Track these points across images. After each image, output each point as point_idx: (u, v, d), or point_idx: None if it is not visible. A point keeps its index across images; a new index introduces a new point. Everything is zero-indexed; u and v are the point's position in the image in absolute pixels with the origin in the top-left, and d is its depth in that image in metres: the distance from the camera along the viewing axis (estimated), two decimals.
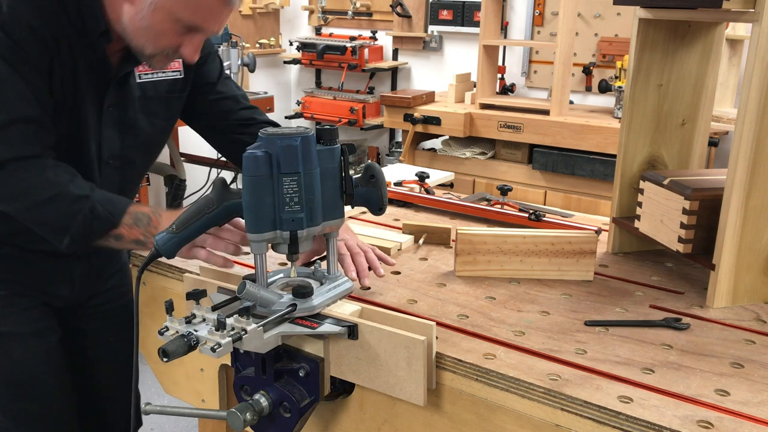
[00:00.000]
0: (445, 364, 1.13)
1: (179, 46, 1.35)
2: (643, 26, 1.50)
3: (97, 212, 1.30)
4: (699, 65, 1.57)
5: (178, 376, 1.57)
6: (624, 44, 4.06)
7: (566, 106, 3.70)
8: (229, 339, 1.07)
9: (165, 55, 1.37)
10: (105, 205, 1.31)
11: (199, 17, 1.31)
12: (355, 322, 1.15)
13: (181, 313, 1.14)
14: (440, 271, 1.51)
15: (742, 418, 0.98)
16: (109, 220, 1.31)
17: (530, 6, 4.44)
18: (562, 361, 1.12)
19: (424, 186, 2.10)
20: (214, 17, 1.33)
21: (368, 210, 1.26)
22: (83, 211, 1.29)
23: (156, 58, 1.37)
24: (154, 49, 1.35)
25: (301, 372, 1.20)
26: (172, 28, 1.31)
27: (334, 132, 1.20)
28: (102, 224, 1.31)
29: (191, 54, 1.37)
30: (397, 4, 4.82)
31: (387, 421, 1.21)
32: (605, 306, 1.34)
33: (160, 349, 1.06)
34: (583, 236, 1.45)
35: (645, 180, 1.51)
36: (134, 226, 1.33)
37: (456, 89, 4.07)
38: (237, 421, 1.16)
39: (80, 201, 1.30)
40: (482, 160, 3.83)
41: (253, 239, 1.18)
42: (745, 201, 1.29)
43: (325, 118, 4.92)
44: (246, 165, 1.15)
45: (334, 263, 1.29)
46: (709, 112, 1.62)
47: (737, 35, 3.45)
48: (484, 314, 1.29)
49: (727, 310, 1.34)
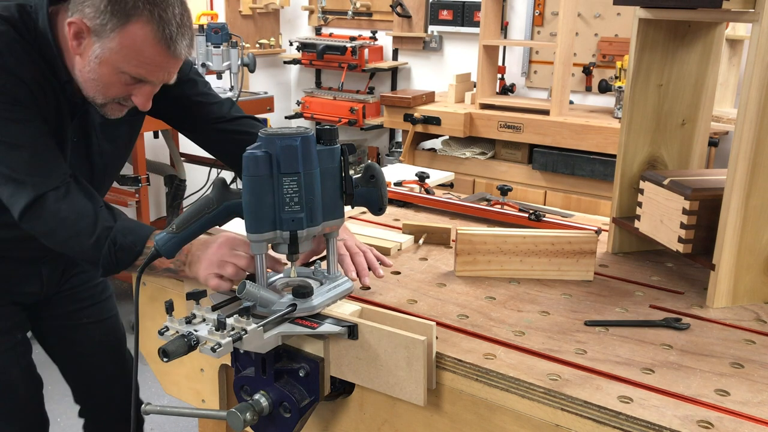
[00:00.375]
0: (445, 364, 1.13)
1: (130, 95, 1.38)
2: (643, 26, 1.50)
3: (120, 243, 1.32)
4: (699, 65, 1.57)
5: (178, 376, 1.57)
6: (624, 44, 4.06)
7: (566, 106, 3.70)
8: (229, 339, 1.07)
9: (117, 103, 1.40)
10: (126, 235, 1.32)
11: (144, 70, 1.32)
12: (355, 322, 1.15)
13: (181, 313, 1.14)
14: (440, 271, 1.51)
15: (742, 418, 0.98)
16: (132, 249, 1.32)
17: (530, 6, 4.44)
18: (562, 361, 1.12)
19: (424, 186, 2.10)
20: (160, 69, 1.34)
21: (368, 210, 1.26)
22: (107, 243, 1.32)
23: (108, 107, 1.40)
24: (104, 98, 1.37)
25: (301, 372, 1.20)
26: (118, 80, 1.33)
27: (334, 132, 1.20)
28: (126, 254, 1.32)
29: (143, 103, 1.39)
30: (397, 4, 4.82)
31: (387, 421, 1.21)
32: (605, 306, 1.34)
33: (160, 349, 1.06)
34: (583, 236, 1.45)
35: (645, 180, 1.51)
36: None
37: (456, 89, 4.07)
38: (237, 421, 1.16)
39: (104, 233, 1.32)
40: (482, 160, 3.83)
41: (253, 239, 1.18)
42: (745, 201, 1.29)
43: (325, 118, 4.92)
44: (246, 165, 1.15)
45: (334, 263, 1.29)
46: (709, 112, 1.62)
47: (737, 35, 3.45)
48: (484, 314, 1.29)
49: (727, 310, 1.34)
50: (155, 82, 1.36)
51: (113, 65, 1.31)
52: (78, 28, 1.30)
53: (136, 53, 1.29)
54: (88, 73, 1.34)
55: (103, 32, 1.28)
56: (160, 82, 1.38)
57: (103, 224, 1.33)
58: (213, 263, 1.27)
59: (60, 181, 1.34)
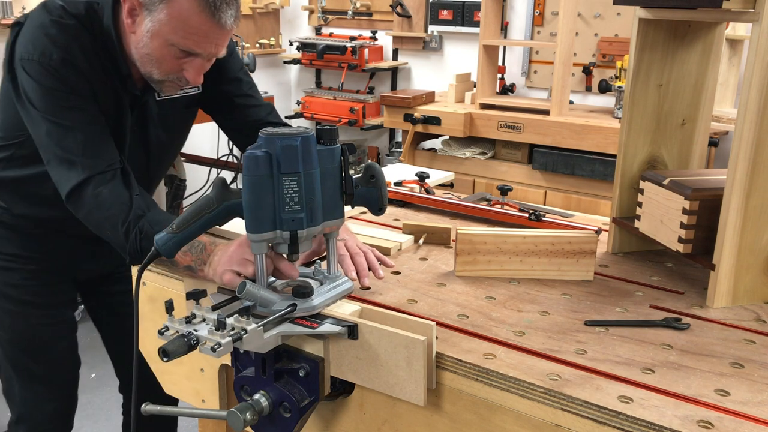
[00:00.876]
0: (445, 364, 1.13)
1: (182, 70, 1.42)
2: (643, 26, 1.50)
3: (146, 233, 1.34)
4: (699, 65, 1.57)
5: (178, 376, 1.57)
6: (624, 44, 4.06)
7: (566, 106, 3.70)
8: (229, 339, 1.07)
9: (173, 81, 1.46)
10: (154, 226, 1.34)
11: (191, 41, 1.37)
12: (355, 322, 1.15)
13: (181, 313, 1.14)
14: (440, 271, 1.51)
15: (742, 418, 0.98)
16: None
17: (530, 6, 4.44)
18: (562, 361, 1.12)
19: (424, 186, 2.10)
20: (206, 40, 1.37)
21: (368, 210, 1.26)
22: (135, 231, 1.36)
23: (165, 84, 1.47)
24: (159, 74, 1.43)
25: (301, 372, 1.20)
26: (169, 53, 1.39)
27: (334, 132, 1.20)
28: (150, 244, 1.30)
29: (194, 77, 1.43)
30: (397, 4, 4.82)
31: (387, 421, 1.21)
32: (605, 306, 1.34)
33: (160, 349, 1.06)
34: (583, 236, 1.45)
35: (645, 180, 1.51)
36: (187, 252, 1.35)
37: (456, 89, 4.07)
38: (237, 421, 1.16)
39: (135, 221, 1.36)
40: (482, 160, 3.83)
41: (253, 239, 1.18)
42: (745, 201, 1.29)
43: (325, 118, 4.92)
44: (246, 165, 1.15)
45: (334, 263, 1.29)
46: (709, 112, 1.62)
47: (737, 35, 3.45)
48: (484, 314, 1.29)
49: (727, 310, 1.34)
50: (203, 54, 1.40)
51: (163, 37, 1.36)
52: (131, 5, 1.37)
53: (183, 23, 1.34)
54: (142, 48, 1.40)
55: (153, 5, 1.34)
56: (209, 56, 1.42)
57: (136, 212, 1.37)
58: (234, 260, 1.27)
59: (108, 166, 1.40)
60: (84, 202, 1.39)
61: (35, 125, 1.43)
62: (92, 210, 1.39)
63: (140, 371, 1.26)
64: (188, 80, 1.44)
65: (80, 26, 1.42)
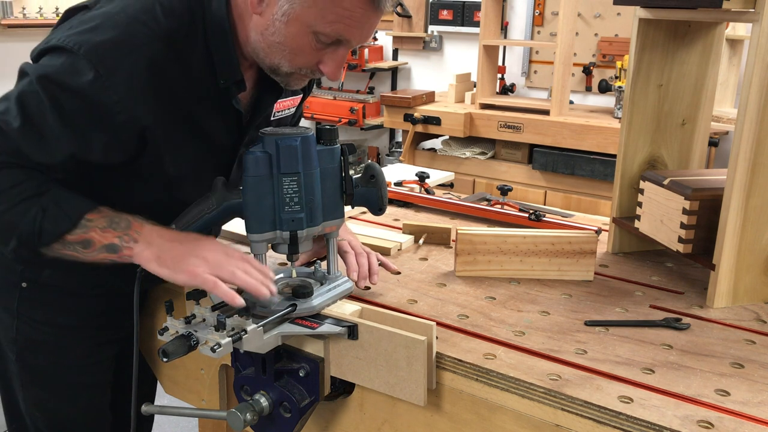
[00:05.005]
0: (445, 364, 1.13)
1: (318, 62, 1.18)
2: (643, 26, 1.50)
3: (50, 212, 1.13)
4: (699, 65, 1.57)
5: (178, 376, 1.57)
6: (624, 44, 4.06)
7: (566, 106, 3.70)
8: (229, 339, 1.07)
9: (304, 74, 1.22)
10: (62, 204, 1.14)
11: (342, 26, 1.11)
12: (355, 322, 1.15)
13: (181, 313, 1.14)
14: (440, 271, 1.51)
15: (742, 418, 0.98)
16: (63, 220, 1.13)
17: (530, 6, 4.44)
18: (562, 361, 1.12)
19: (424, 186, 2.10)
20: (359, 26, 1.13)
21: (368, 210, 1.26)
22: (33, 210, 1.12)
23: (293, 77, 1.22)
24: (290, 67, 1.19)
25: (301, 372, 1.20)
26: (308, 43, 1.14)
27: (334, 132, 1.20)
28: (54, 225, 1.13)
29: (334, 72, 1.19)
30: (397, 4, 4.82)
31: (387, 421, 1.21)
32: (605, 306, 1.34)
33: (160, 349, 1.06)
34: (583, 236, 1.45)
35: (645, 180, 1.51)
36: (108, 229, 1.15)
37: (456, 89, 4.07)
38: (237, 421, 1.16)
39: (32, 199, 1.13)
40: (482, 160, 3.82)
41: (253, 239, 1.18)
42: (745, 201, 1.29)
43: (325, 118, 4.92)
44: (246, 165, 1.15)
45: (334, 263, 1.29)
46: (709, 112, 1.62)
47: (737, 35, 3.45)
48: (484, 314, 1.29)
49: (727, 310, 1.33)
50: (352, 42, 1.15)
51: (304, 23, 1.11)
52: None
53: (334, 4, 1.09)
54: (272, 35, 1.14)
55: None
56: (356, 44, 1.17)
57: (32, 190, 1.13)
58: (220, 267, 1.15)
59: (20, 163, 1.13)
60: None
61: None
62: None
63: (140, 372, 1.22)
64: (326, 75, 1.20)
65: (161, 44, 1.14)
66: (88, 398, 1.47)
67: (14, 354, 1.39)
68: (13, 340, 1.38)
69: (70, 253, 1.16)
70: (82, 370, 1.43)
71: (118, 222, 1.16)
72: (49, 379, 1.41)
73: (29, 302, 1.36)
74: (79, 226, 1.14)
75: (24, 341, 1.38)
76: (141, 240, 1.15)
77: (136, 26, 1.13)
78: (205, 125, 1.25)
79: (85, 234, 1.14)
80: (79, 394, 1.45)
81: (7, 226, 1.13)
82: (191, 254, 1.14)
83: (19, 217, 1.12)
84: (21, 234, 1.12)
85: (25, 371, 1.40)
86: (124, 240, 1.15)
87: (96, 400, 1.48)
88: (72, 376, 1.43)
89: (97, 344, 1.44)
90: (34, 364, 1.40)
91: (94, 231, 1.14)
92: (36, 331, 1.37)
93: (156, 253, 1.14)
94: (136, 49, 1.12)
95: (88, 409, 1.47)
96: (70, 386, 1.43)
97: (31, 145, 1.12)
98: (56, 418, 1.45)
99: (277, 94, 1.34)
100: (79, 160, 1.17)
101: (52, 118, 1.11)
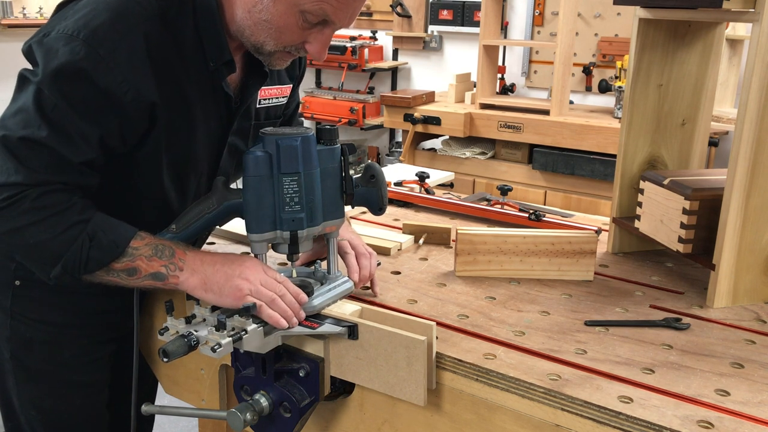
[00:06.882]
0: (445, 364, 1.13)
1: (304, 42, 1.21)
2: (643, 26, 1.50)
3: (98, 239, 1.13)
4: (699, 65, 1.57)
5: (178, 376, 1.56)
6: (624, 44, 4.06)
7: (566, 106, 3.70)
8: (229, 339, 1.07)
9: (286, 52, 1.23)
10: (108, 232, 1.14)
11: (328, 6, 1.14)
12: (355, 322, 1.15)
13: (181, 313, 1.14)
14: (440, 271, 1.51)
15: (742, 418, 0.98)
16: (111, 248, 1.14)
17: (530, 6, 4.44)
18: (562, 361, 1.12)
19: (424, 186, 2.10)
20: (345, 6, 1.15)
21: (368, 210, 1.26)
22: (80, 238, 1.12)
23: (276, 56, 1.23)
24: (275, 45, 1.20)
25: (301, 372, 1.20)
26: (294, 22, 1.16)
27: (334, 132, 1.20)
28: (101, 253, 1.13)
29: (319, 51, 1.21)
30: (397, 4, 4.82)
31: (387, 421, 1.21)
32: (605, 306, 1.34)
33: (160, 349, 1.06)
34: (583, 236, 1.45)
35: (645, 180, 1.51)
36: (154, 258, 1.16)
37: (456, 89, 4.07)
38: (237, 421, 1.16)
39: (77, 226, 1.12)
40: (482, 160, 3.83)
41: (253, 239, 1.18)
42: (745, 201, 1.29)
43: (325, 118, 4.92)
44: (246, 165, 1.15)
45: (334, 263, 1.29)
46: (709, 112, 1.62)
47: (737, 35, 3.45)
48: (484, 314, 1.29)
49: (727, 310, 1.34)
50: (337, 24, 1.18)
51: (291, 2, 1.14)
52: None
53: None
54: (259, 12, 1.16)
55: None
56: (340, 26, 1.20)
57: (77, 217, 1.13)
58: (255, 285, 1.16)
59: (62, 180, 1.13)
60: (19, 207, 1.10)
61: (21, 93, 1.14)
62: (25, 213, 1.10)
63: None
64: (311, 54, 1.21)
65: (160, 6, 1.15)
66: (84, 397, 1.46)
67: (8, 352, 1.39)
68: (7, 338, 1.38)
69: (113, 279, 1.17)
70: (78, 368, 1.42)
71: (162, 250, 1.17)
72: (44, 377, 1.40)
73: (23, 300, 1.36)
74: (126, 254, 1.15)
75: (18, 339, 1.38)
76: (186, 268, 1.16)
77: (129, 5, 1.14)
78: (198, 109, 1.25)
79: (131, 262, 1.15)
80: (75, 392, 1.44)
81: (50, 254, 1.13)
82: (234, 276, 1.16)
83: (65, 245, 1.12)
84: (66, 262, 1.12)
85: (20, 369, 1.40)
86: (170, 269, 1.16)
87: (92, 399, 1.47)
88: (67, 374, 1.42)
89: (93, 342, 1.44)
90: (28, 362, 1.39)
91: (140, 259, 1.15)
92: (30, 329, 1.37)
93: (201, 280, 1.16)
94: (133, 27, 1.13)
95: (83, 407, 1.47)
96: (65, 384, 1.42)
97: (67, 146, 1.12)
98: (52, 417, 1.44)
99: (263, 79, 1.35)
100: (106, 150, 1.17)
101: (70, 113, 1.11)
